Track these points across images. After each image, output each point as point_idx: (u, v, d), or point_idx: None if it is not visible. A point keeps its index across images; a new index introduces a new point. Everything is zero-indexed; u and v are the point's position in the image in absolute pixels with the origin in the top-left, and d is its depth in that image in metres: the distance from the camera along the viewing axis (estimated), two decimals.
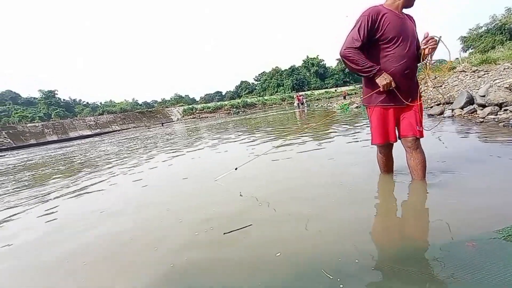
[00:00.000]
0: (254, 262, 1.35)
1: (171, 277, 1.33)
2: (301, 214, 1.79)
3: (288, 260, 1.32)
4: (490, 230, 1.29)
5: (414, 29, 1.86)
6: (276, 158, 3.63)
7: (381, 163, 2.22)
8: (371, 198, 1.93)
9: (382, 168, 2.25)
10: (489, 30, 36.30)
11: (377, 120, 1.94)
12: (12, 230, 2.39)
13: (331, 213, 1.78)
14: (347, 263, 1.22)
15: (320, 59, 69.32)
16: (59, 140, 31.47)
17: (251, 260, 1.37)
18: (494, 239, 1.21)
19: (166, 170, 4.13)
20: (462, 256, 1.14)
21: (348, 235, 1.48)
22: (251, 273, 1.27)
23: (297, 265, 1.28)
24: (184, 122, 31.48)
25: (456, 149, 2.87)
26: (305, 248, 1.40)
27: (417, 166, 1.95)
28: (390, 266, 1.17)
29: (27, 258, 1.80)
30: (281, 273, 1.24)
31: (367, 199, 1.92)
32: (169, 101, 74.30)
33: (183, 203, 2.44)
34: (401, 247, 1.34)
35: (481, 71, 8.40)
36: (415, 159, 1.94)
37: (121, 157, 6.57)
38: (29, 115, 51.53)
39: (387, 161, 2.19)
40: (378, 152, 2.18)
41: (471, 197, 1.72)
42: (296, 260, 1.32)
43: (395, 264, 1.17)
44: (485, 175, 2.04)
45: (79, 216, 2.47)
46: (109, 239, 1.89)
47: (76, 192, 3.41)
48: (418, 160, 1.93)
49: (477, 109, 4.74)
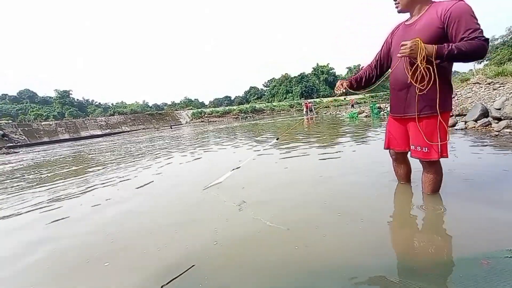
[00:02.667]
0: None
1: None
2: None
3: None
4: (504, 248, 1.24)
5: (426, 32, 1.55)
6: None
7: (394, 170, 2.22)
8: (375, 208, 1.89)
9: (395, 175, 2.23)
10: (505, 42, 35.58)
11: (387, 126, 2.05)
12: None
13: (326, 227, 1.75)
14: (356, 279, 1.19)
15: (330, 67, 69.30)
16: (70, 138, 32.31)
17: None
18: (510, 258, 1.16)
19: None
20: (476, 273, 1.10)
21: (351, 249, 1.44)
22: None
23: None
24: (193, 125, 31.80)
25: (469, 162, 2.78)
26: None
27: (426, 183, 1.89)
28: (402, 281, 1.13)
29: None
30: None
31: (369, 208, 1.88)
32: (178, 104, 75.47)
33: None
34: (409, 261, 1.29)
35: (496, 84, 8.21)
36: (425, 176, 1.88)
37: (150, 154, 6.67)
38: (44, 114, 53.24)
39: (397, 168, 2.17)
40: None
41: (484, 213, 1.65)
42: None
43: (407, 279, 1.13)
44: (500, 190, 1.97)
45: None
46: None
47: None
48: (428, 179, 1.86)
49: (492, 122, 4.61)
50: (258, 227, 1.76)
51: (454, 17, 1.46)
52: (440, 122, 1.63)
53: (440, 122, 1.63)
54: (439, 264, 1.23)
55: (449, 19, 1.48)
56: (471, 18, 1.44)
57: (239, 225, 1.85)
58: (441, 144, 1.66)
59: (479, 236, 1.41)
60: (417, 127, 1.70)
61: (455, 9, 1.47)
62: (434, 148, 1.67)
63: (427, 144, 1.68)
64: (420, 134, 1.69)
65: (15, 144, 25.99)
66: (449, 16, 1.48)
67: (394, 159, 2.13)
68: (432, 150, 1.68)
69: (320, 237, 1.56)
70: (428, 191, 1.89)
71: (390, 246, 1.46)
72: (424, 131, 1.68)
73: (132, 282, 1.34)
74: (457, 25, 1.45)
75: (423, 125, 1.68)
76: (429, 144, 1.67)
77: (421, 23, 1.60)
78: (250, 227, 1.79)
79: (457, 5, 1.47)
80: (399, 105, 1.81)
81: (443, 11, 1.51)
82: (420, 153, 1.74)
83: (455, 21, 1.46)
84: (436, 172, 1.81)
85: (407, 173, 2.16)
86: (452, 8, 1.48)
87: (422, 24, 1.60)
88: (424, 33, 1.56)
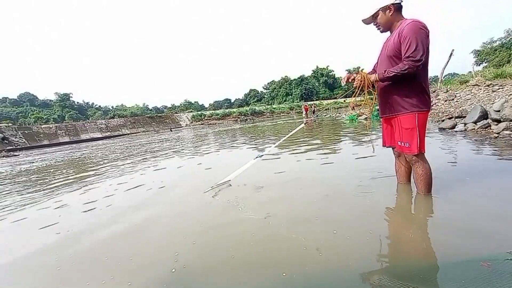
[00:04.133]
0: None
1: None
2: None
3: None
4: (504, 250, 1.24)
5: (391, 47, 1.81)
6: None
7: (395, 169, 2.30)
8: (373, 210, 1.89)
9: (396, 174, 2.31)
10: (504, 44, 35.75)
11: (382, 126, 2.22)
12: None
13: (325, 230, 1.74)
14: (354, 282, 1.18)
15: (330, 69, 69.53)
16: (70, 141, 32.27)
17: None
18: (510, 260, 1.16)
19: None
20: (476, 275, 1.10)
21: (349, 251, 1.44)
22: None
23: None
24: (193, 128, 31.85)
25: (468, 164, 2.79)
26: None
27: (417, 180, 1.98)
28: (402, 284, 1.13)
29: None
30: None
31: (369, 211, 1.88)
32: (178, 107, 75.55)
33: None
34: (408, 264, 1.29)
35: (495, 86, 8.24)
36: (415, 173, 1.97)
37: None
38: (44, 117, 53.37)
39: (398, 166, 2.26)
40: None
41: (483, 215, 1.65)
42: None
43: (407, 282, 1.13)
44: (499, 192, 1.97)
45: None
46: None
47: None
48: (417, 175, 1.95)
49: (492, 124, 4.62)
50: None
51: (404, 38, 1.71)
52: (418, 119, 1.81)
53: (418, 120, 1.81)
54: (439, 267, 1.23)
55: (401, 39, 1.73)
56: (414, 40, 1.66)
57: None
58: (421, 139, 1.83)
59: (479, 238, 1.41)
60: (398, 123, 1.91)
61: (406, 31, 1.70)
62: (414, 143, 1.84)
63: (408, 139, 1.86)
64: (402, 130, 1.89)
65: (15, 147, 25.98)
66: (402, 36, 1.72)
67: (397, 156, 2.22)
68: (412, 144, 1.85)
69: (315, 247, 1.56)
70: (421, 190, 1.97)
71: (388, 249, 1.46)
72: (404, 128, 1.87)
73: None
74: (404, 45, 1.71)
75: (403, 122, 1.87)
76: (409, 139, 1.85)
77: (391, 40, 1.84)
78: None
79: (408, 27, 1.69)
80: (383, 106, 2.04)
81: (400, 31, 1.75)
82: (402, 148, 1.92)
83: (404, 42, 1.71)
84: (421, 166, 1.90)
85: (407, 172, 2.21)
86: (404, 30, 1.71)
87: (391, 40, 1.83)
88: (392, 48, 1.81)
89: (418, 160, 1.89)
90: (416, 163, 1.91)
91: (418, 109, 1.80)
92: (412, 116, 1.82)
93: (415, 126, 1.82)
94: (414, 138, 1.83)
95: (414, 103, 1.80)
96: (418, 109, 1.80)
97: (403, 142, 1.90)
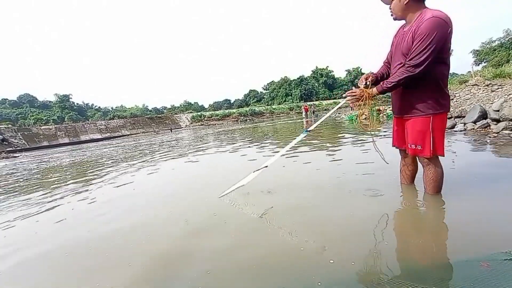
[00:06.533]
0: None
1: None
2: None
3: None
4: (504, 250, 1.24)
5: (406, 45, 1.66)
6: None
7: (400, 169, 2.25)
8: (374, 209, 1.89)
9: (400, 174, 2.26)
10: (503, 44, 35.83)
11: (393, 125, 2.12)
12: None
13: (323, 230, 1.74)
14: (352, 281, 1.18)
15: (329, 70, 69.60)
16: (70, 143, 32.25)
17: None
18: (510, 260, 1.16)
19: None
20: (476, 275, 1.10)
21: (348, 251, 1.44)
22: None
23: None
24: (192, 129, 31.83)
25: (468, 164, 2.79)
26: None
27: (427, 182, 1.92)
28: (403, 283, 1.13)
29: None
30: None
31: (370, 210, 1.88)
32: (178, 108, 75.58)
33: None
34: (408, 264, 1.29)
35: (494, 85, 8.25)
36: (425, 175, 1.91)
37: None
38: (43, 118, 53.38)
39: (403, 167, 2.19)
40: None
41: (483, 215, 1.65)
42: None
43: (407, 281, 1.13)
44: (499, 192, 1.97)
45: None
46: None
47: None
48: (427, 177, 1.89)
49: (491, 124, 4.62)
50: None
51: (417, 35, 1.55)
52: (434, 122, 1.71)
53: (434, 122, 1.71)
54: (439, 267, 1.23)
55: (415, 36, 1.57)
56: (425, 41, 1.51)
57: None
58: (436, 142, 1.73)
59: (479, 238, 1.41)
60: (411, 126, 1.82)
61: (422, 29, 1.53)
62: (426, 146, 1.75)
63: (420, 142, 1.77)
64: (414, 133, 1.80)
65: (14, 148, 25.96)
66: (416, 34, 1.57)
67: (403, 157, 2.16)
68: (425, 147, 1.76)
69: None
70: (430, 191, 1.92)
71: (388, 249, 1.46)
72: (417, 130, 1.78)
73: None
74: (413, 45, 1.58)
75: (416, 124, 1.78)
76: (422, 141, 1.76)
77: (407, 35, 1.66)
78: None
79: (425, 24, 1.52)
80: (397, 106, 1.94)
81: (417, 27, 1.57)
82: (414, 150, 1.84)
83: (415, 41, 1.57)
84: (433, 170, 1.84)
85: (412, 174, 2.17)
86: (421, 27, 1.54)
87: (407, 36, 1.66)
88: (406, 46, 1.66)
89: (430, 163, 1.82)
90: (427, 165, 1.84)
91: (433, 111, 1.69)
92: (426, 119, 1.72)
93: (429, 129, 1.72)
94: (426, 141, 1.74)
95: (430, 104, 1.69)
96: (433, 111, 1.69)
97: (416, 145, 1.80)
